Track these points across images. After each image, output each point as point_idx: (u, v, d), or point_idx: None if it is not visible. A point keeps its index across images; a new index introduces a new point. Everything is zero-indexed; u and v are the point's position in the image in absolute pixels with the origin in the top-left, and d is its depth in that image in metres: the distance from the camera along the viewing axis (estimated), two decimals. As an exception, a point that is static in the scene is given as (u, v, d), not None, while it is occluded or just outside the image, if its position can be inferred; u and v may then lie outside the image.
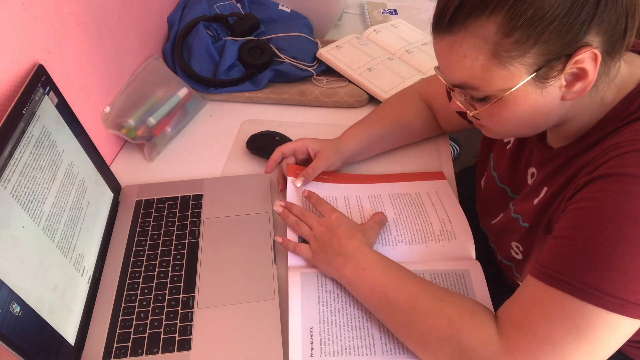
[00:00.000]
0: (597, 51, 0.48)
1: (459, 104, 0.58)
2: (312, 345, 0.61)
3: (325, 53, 1.08)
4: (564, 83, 0.51)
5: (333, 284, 0.68)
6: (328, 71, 1.08)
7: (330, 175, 0.83)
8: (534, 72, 0.50)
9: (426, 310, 0.57)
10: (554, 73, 0.50)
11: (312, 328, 0.63)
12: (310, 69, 1.06)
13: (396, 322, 0.60)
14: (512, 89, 0.51)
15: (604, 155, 0.52)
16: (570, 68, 0.49)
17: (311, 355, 0.60)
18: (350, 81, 1.05)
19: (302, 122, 0.98)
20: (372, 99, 1.03)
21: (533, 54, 0.48)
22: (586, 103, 0.55)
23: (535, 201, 0.63)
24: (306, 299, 0.66)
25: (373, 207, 0.79)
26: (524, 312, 0.52)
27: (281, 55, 1.06)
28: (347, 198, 0.81)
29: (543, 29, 0.47)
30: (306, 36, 1.11)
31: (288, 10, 1.18)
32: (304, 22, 1.18)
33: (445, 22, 0.51)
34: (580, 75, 0.50)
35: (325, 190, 0.81)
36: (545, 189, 0.62)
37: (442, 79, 0.57)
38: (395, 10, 1.35)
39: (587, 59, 0.48)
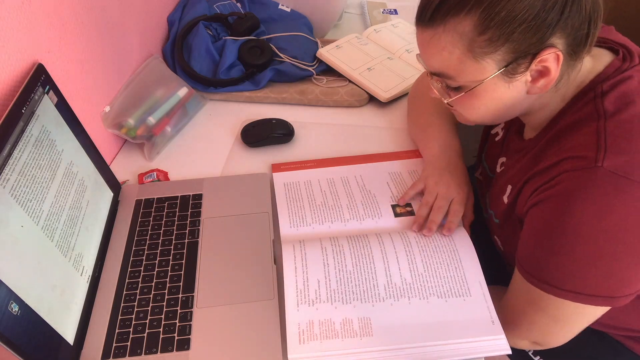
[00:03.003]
0: (559, 53, 0.54)
1: (436, 92, 0.65)
2: (306, 331, 0.62)
3: (325, 53, 1.08)
4: (529, 79, 0.57)
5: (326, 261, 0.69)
6: (328, 71, 1.08)
7: (313, 162, 0.87)
8: (503, 68, 0.55)
9: None
10: (521, 69, 0.56)
11: (307, 315, 0.64)
12: (310, 68, 1.05)
13: None
14: (483, 81, 0.57)
15: (555, 167, 0.58)
16: (535, 65, 0.55)
17: (303, 343, 0.61)
18: (350, 81, 1.05)
19: (302, 121, 0.98)
20: (372, 99, 1.03)
21: (503, 51, 0.54)
22: (548, 97, 0.61)
23: (505, 199, 0.68)
24: (302, 272, 0.68)
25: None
26: (512, 300, 0.66)
27: (281, 55, 1.06)
28: (332, 180, 0.84)
29: (513, 30, 0.52)
30: (306, 36, 1.11)
31: (288, 9, 1.18)
32: (304, 21, 1.18)
33: (427, 17, 0.56)
34: (544, 72, 0.56)
35: (312, 176, 0.84)
36: (510, 187, 0.67)
37: (422, 66, 0.63)
38: (395, 10, 1.35)
39: (550, 58, 0.54)
